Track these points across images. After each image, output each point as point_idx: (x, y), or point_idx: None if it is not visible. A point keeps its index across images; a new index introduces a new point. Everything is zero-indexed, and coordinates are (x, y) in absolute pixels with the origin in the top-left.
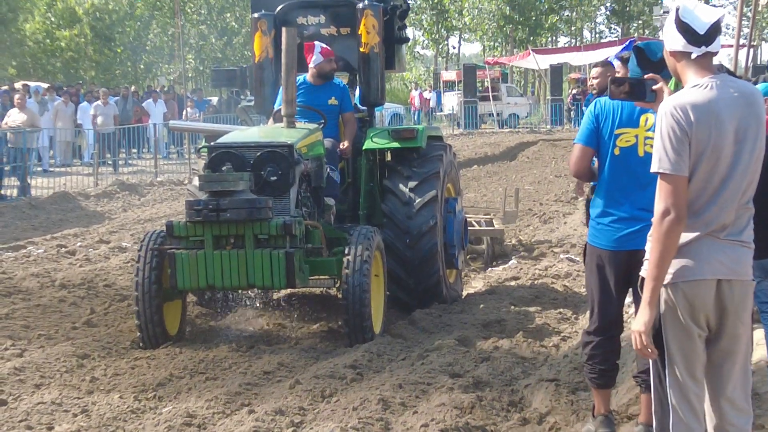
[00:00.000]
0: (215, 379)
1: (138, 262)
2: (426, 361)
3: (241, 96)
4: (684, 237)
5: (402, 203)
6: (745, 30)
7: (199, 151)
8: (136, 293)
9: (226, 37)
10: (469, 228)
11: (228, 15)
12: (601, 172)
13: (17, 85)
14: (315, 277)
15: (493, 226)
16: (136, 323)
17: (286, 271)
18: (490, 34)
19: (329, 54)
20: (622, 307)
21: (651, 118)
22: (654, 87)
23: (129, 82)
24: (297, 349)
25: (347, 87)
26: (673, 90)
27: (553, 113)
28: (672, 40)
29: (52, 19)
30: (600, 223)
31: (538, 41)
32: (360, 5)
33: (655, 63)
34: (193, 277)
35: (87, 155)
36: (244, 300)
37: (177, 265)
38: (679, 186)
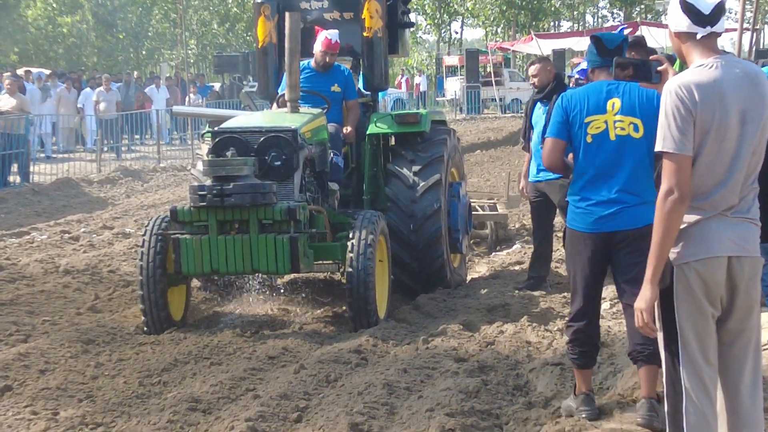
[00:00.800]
0: (220, 364)
1: (142, 247)
2: (431, 346)
3: (244, 82)
4: (693, 217)
5: (406, 187)
6: (749, 14)
7: (203, 136)
8: (140, 278)
9: (228, 23)
10: (473, 213)
11: (230, 1)
12: (577, 160)
13: (19, 72)
14: (319, 262)
15: (497, 210)
16: (140, 308)
17: (290, 256)
18: (492, 18)
19: (330, 47)
20: (601, 289)
21: (617, 102)
22: (659, 68)
23: (131, 68)
24: (301, 334)
25: (351, 74)
26: (678, 71)
27: None
28: (677, 20)
29: (53, 5)
30: (579, 207)
31: (540, 26)
32: None
33: (612, 50)
34: (198, 262)
35: (90, 141)
36: (248, 285)
37: (181, 250)
38: (683, 165)
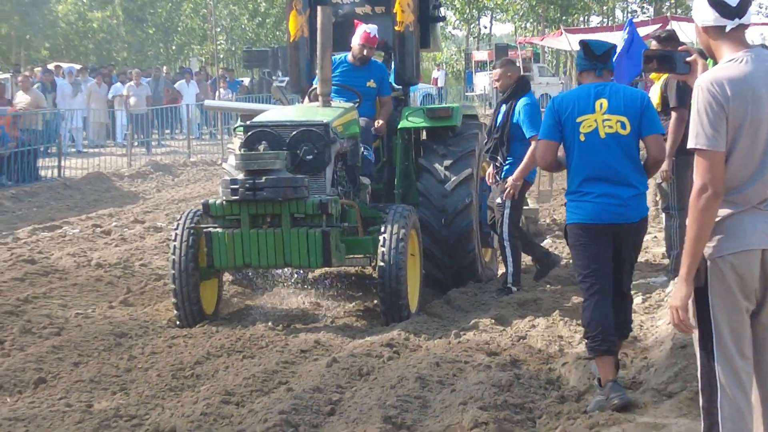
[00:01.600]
0: (252, 358)
1: (174, 240)
2: (463, 340)
3: (273, 77)
4: (726, 211)
5: (437, 181)
6: None
7: (235, 130)
8: (172, 272)
9: (258, 18)
10: None
11: None
12: (570, 158)
13: (50, 66)
14: (351, 256)
15: (528, 205)
16: (172, 302)
17: (322, 250)
18: (521, 13)
19: (368, 41)
20: (611, 276)
21: (605, 102)
22: (687, 59)
23: (161, 63)
24: (333, 328)
25: (386, 69)
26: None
27: None
28: (703, 15)
29: (84, 1)
30: (575, 201)
31: (570, 21)
32: None
33: (599, 56)
34: (230, 256)
35: (120, 136)
36: (280, 279)
37: (214, 244)
38: (716, 162)
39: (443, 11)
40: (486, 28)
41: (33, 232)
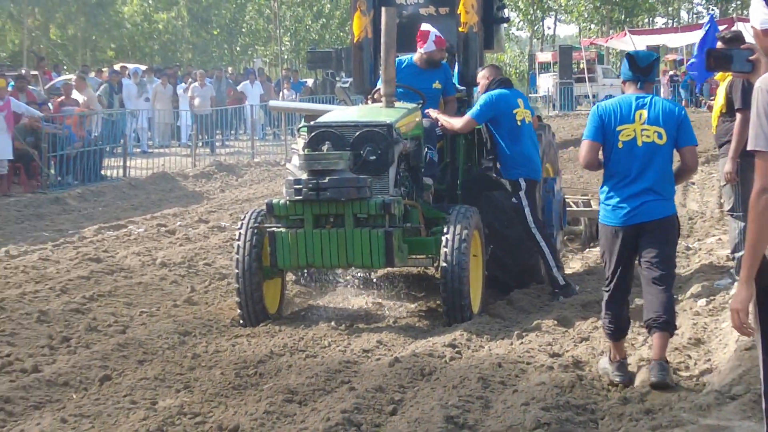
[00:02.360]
0: (315, 357)
1: (238, 240)
2: (525, 341)
3: (336, 78)
4: None
5: (498, 181)
6: None
7: (299, 131)
8: (236, 271)
9: (322, 19)
10: (567, 209)
11: None
12: (607, 162)
13: (116, 67)
14: (413, 257)
15: (591, 207)
16: (236, 301)
17: (385, 250)
18: (586, 15)
19: (442, 44)
20: (632, 272)
21: (644, 113)
22: (750, 57)
23: (225, 63)
24: (395, 328)
25: (450, 70)
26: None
27: None
28: (761, 17)
29: (149, 2)
30: (609, 204)
31: (634, 22)
32: None
33: (643, 68)
34: (293, 256)
35: (185, 136)
36: (343, 279)
37: (277, 244)
38: None
39: (507, 12)
40: (550, 29)
41: (99, 231)
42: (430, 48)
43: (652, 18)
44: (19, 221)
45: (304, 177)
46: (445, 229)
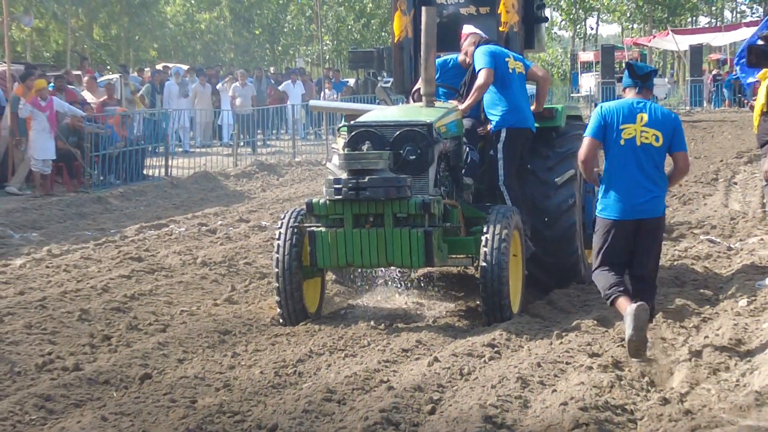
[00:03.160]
0: (354, 356)
1: (278, 239)
2: (564, 341)
3: (378, 77)
4: None
5: (540, 182)
6: None
7: (339, 130)
8: (276, 270)
9: (363, 19)
10: None
11: None
12: (608, 159)
13: (158, 67)
14: (453, 256)
15: None
16: (276, 300)
17: (424, 250)
18: (628, 14)
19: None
20: (624, 268)
21: (645, 117)
22: None
23: (267, 63)
24: (435, 328)
25: None
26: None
27: (693, 94)
28: None
29: (192, 2)
30: (607, 198)
31: (677, 21)
32: None
33: (641, 76)
34: (333, 255)
35: (226, 136)
36: (382, 278)
37: (317, 243)
38: None
39: (547, 12)
40: (592, 29)
41: (140, 230)
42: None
43: (695, 17)
44: (62, 220)
45: (344, 176)
46: (485, 229)
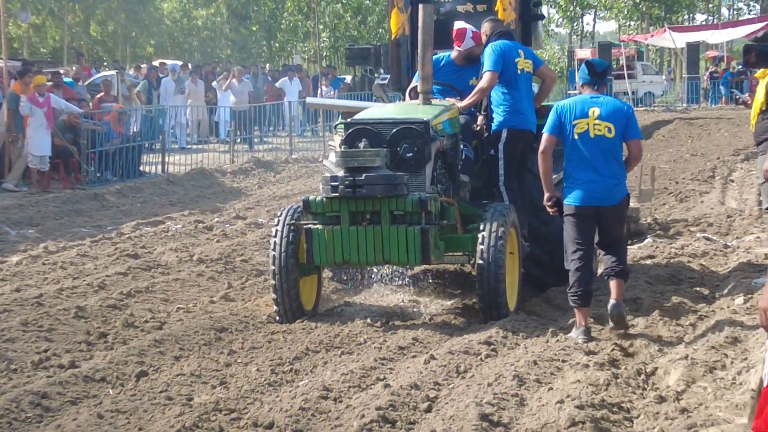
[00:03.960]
0: (350, 354)
1: (275, 237)
2: (561, 339)
3: (375, 74)
4: None
5: (537, 179)
6: None
7: (336, 128)
8: (273, 267)
9: (360, 16)
10: None
11: None
12: (566, 152)
13: (155, 63)
14: (450, 254)
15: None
16: (272, 297)
17: (421, 248)
18: (625, 11)
19: (480, 40)
20: (592, 247)
21: (597, 110)
22: None
23: (264, 60)
24: (431, 325)
25: None
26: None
27: (690, 91)
28: None
29: None
30: (568, 187)
31: (674, 18)
32: None
33: (599, 74)
34: (329, 253)
35: (223, 132)
36: (379, 276)
37: (313, 241)
38: None
39: (545, 10)
40: (589, 25)
41: (136, 227)
42: (468, 45)
43: (692, 15)
44: (58, 217)
45: (340, 174)
46: (482, 227)
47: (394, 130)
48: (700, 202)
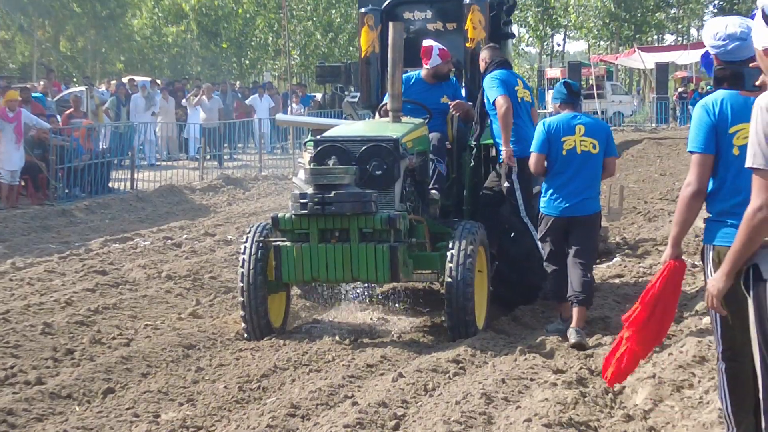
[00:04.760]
0: (319, 371)
1: (243, 254)
2: (529, 357)
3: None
4: None
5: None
6: None
7: (305, 145)
8: (241, 284)
9: (331, 34)
10: None
11: (333, 12)
12: (552, 165)
13: (124, 80)
14: (418, 272)
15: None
16: (241, 315)
17: (390, 265)
18: (595, 31)
19: (447, 56)
20: (566, 252)
21: (582, 128)
22: (756, 83)
23: (234, 77)
24: (400, 343)
25: (458, 84)
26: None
27: (659, 111)
28: (764, 38)
29: (159, 15)
30: (550, 199)
31: (644, 39)
32: (467, 0)
33: (576, 92)
34: (298, 270)
35: (192, 149)
36: (347, 293)
37: (282, 258)
38: None
39: (515, 29)
40: (559, 45)
41: (105, 243)
42: (435, 62)
43: (661, 35)
44: (26, 233)
45: (309, 191)
46: (451, 245)
47: (363, 147)
48: (668, 221)
